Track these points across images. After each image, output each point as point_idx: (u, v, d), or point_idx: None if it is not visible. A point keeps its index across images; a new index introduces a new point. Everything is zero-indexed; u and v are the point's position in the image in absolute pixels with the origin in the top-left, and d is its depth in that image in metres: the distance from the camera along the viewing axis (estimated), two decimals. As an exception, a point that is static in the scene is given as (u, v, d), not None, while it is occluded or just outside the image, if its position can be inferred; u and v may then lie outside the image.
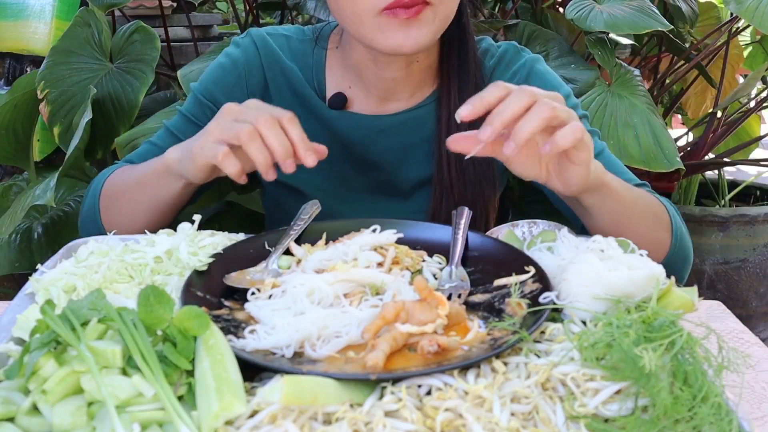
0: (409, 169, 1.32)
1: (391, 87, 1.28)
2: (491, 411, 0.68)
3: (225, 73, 1.32)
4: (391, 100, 1.30)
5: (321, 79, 1.31)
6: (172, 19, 2.64)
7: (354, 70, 1.28)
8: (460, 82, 1.27)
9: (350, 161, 1.32)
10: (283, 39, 1.33)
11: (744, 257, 2.77)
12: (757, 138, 2.98)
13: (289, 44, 1.33)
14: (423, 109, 1.30)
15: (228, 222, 2.03)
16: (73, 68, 1.94)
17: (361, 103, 1.30)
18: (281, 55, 1.32)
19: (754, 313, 2.82)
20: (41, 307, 0.72)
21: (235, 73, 1.31)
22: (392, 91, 1.28)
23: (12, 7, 2.30)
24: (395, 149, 1.31)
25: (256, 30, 1.34)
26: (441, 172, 1.26)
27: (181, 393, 0.70)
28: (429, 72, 1.29)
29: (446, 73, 1.27)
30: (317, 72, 1.31)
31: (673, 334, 0.72)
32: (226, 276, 0.93)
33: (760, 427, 0.81)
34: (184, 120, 1.33)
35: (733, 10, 2.02)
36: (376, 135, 1.30)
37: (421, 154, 1.31)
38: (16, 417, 0.68)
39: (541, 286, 0.88)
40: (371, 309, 0.83)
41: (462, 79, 1.27)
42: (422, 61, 1.26)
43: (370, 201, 1.35)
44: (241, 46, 1.33)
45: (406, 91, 1.29)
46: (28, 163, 2.09)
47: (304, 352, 0.77)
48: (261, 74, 1.32)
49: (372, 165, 1.33)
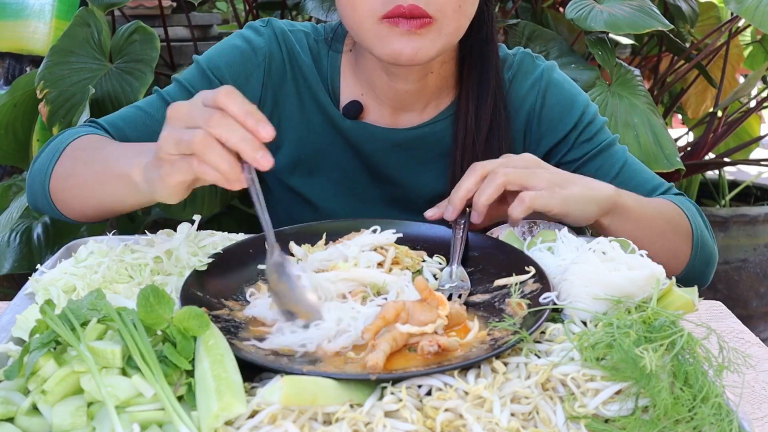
0: (424, 183, 1.28)
1: (404, 98, 1.22)
2: (491, 411, 0.68)
3: (243, 58, 1.23)
4: (404, 111, 1.25)
5: (336, 83, 1.25)
6: (171, 19, 2.64)
7: (366, 78, 1.23)
8: (478, 97, 1.22)
9: (364, 172, 1.28)
10: (302, 36, 1.26)
11: (744, 257, 2.76)
12: (758, 138, 2.98)
13: (308, 42, 1.26)
14: (440, 124, 1.25)
15: (228, 223, 2.03)
16: (73, 68, 1.94)
17: (375, 112, 1.25)
18: (301, 54, 1.25)
19: (755, 313, 2.81)
20: (41, 307, 0.72)
21: (255, 63, 1.23)
22: (405, 102, 1.23)
23: (11, 6, 2.30)
24: (410, 163, 1.27)
25: (278, 22, 1.26)
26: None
27: (180, 393, 0.70)
28: (445, 84, 1.24)
29: (465, 86, 1.22)
30: (332, 76, 1.25)
31: (674, 334, 0.72)
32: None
33: (760, 428, 0.81)
34: (181, 90, 1.22)
35: (733, 10, 2.02)
36: (391, 149, 1.25)
37: (436, 169, 1.26)
38: (16, 417, 0.68)
39: (542, 287, 0.88)
40: (377, 308, 0.83)
41: (481, 94, 1.22)
42: (437, 72, 1.21)
43: (383, 214, 1.27)
44: (263, 35, 1.24)
45: (421, 102, 1.24)
46: (27, 162, 2.09)
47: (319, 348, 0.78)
48: (282, 70, 1.24)
49: (386, 178, 1.28)
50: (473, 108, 1.22)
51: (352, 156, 1.27)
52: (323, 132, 1.26)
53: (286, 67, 1.25)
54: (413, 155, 1.26)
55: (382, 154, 1.26)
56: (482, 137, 1.21)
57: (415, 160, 1.27)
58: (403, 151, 1.26)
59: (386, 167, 1.27)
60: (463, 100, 1.23)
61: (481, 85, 1.22)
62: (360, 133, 1.25)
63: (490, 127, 1.22)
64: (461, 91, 1.24)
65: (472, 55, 1.22)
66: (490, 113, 1.22)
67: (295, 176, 1.29)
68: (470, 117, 1.22)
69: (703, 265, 1.21)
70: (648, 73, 2.93)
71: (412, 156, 1.26)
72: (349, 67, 1.26)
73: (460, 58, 1.24)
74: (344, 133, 1.25)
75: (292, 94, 1.26)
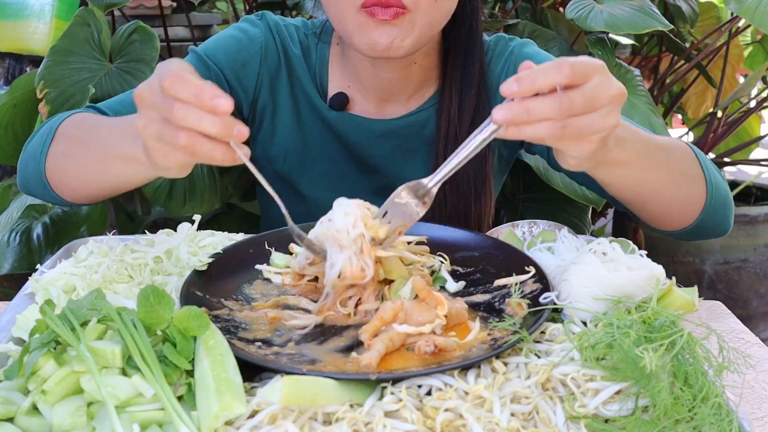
0: (409, 172, 1.28)
1: (389, 88, 1.26)
2: (491, 411, 0.68)
3: (240, 47, 1.26)
4: (389, 101, 1.28)
5: (324, 76, 1.29)
6: (171, 18, 2.64)
7: (352, 69, 1.26)
8: (462, 89, 1.24)
9: (351, 162, 1.32)
10: (293, 30, 1.30)
11: (744, 257, 2.76)
12: (758, 138, 2.98)
13: (299, 36, 1.30)
14: (423, 114, 1.28)
15: (227, 222, 2.03)
16: (73, 68, 1.94)
17: (361, 103, 1.28)
18: (292, 46, 1.29)
19: (755, 313, 2.81)
20: (41, 307, 0.72)
21: (251, 51, 1.26)
22: (390, 92, 1.26)
23: (11, 6, 2.30)
24: (395, 153, 1.30)
25: (271, 15, 1.31)
26: None
27: (180, 393, 0.70)
28: (430, 74, 1.27)
29: (448, 77, 1.25)
30: (320, 68, 1.29)
31: (674, 334, 0.72)
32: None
33: (760, 428, 0.81)
34: None
35: (733, 10, 2.02)
36: (376, 139, 1.28)
37: (420, 158, 1.30)
38: (16, 417, 0.68)
39: (542, 287, 0.88)
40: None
41: (464, 86, 1.24)
42: (421, 63, 1.24)
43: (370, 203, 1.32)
44: (258, 26, 1.28)
45: (405, 92, 1.28)
46: (27, 162, 2.08)
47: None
48: (277, 60, 1.28)
49: (372, 168, 1.32)
50: (456, 99, 1.24)
51: (339, 147, 1.30)
52: (311, 123, 1.29)
53: (280, 57, 1.28)
54: (398, 145, 1.29)
55: (367, 145, 1.29)
56: (465, 128, 1.23)
57: (400, 150, 1.30)
58: (388, 140, 1.29)
59: (372, 157, 1.30)
60: (447, 91, 1.25)
61: (465, 77, 1.24)
62: (346, 124, 1.28)
63: (473, 119, 1.23)
64: (444, 82, 1.26)
65: (456, 47, 1.25)
66: (473, 105, 1.23)
67: (285, 166, 1.32)
68: (453, 108, 1.24)
69: (720, 208, 1.12)
70: (648, 73, 2.93)
71: (397, 146, 1.29)
72: (337, 59, 1.29)
73: (444, 49, 1.26)
74: (331, 125, 1.29)
75: (285, 85, 1.29)
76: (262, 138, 1.32)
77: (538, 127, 0.77)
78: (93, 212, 1.90)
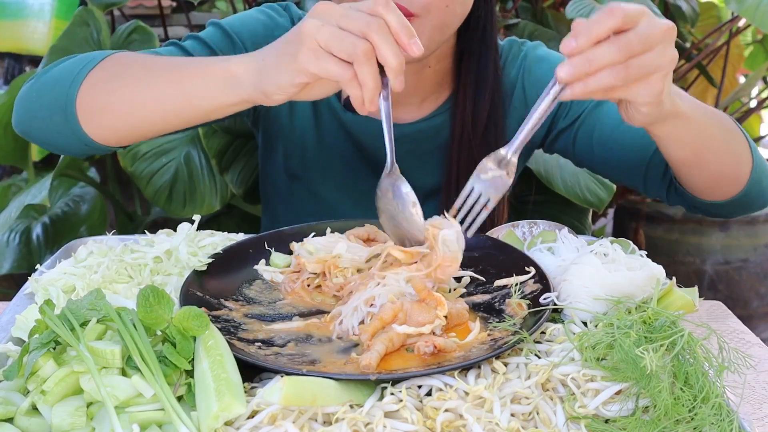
0: (421, 176, 1.27)
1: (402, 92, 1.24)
2: (491, 411, 0.68)
3: (266, 31, 1.22)
4: (403, 105, 1.26)
5: None
6: (171, 18, 2.64)
7: None
8: (476, 94, 1.23)
9: (364, 162, 1.30)
10: None
11: (745, 257, 2.76)
12: (758, 138, 2.98)
13: None
14: (438, 119, 1.27)
15: (227, 222, 2.03)
16: (73, 68, 1.93)
17: None
18: None
19: (755, 313, 2.81)
20: (40, 307, 0.72)
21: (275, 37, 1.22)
22: (403, 96, 1.24)
23: (11, 6, 2.30)
24: (408, 157, 1.26)
25: (295, 8, 1.28)
26: (450, 181, 1.25)
27: (180, 393, 0.70)
28: (443, 78, 1.26)
29: (462, 81, 1.24)
30: None
31: (674, 334, 0.72)
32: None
33: (760, 428, 0.81)
34: (201, 45, 1.17)
35: (733, 10, 2.02)
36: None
37: (433, 162, 1.29)
38: (16, 417, 0.68)
39: (542, 287, 0.88)
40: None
41: (479, 90, 1.23)
42: (434, 67, 1.22)
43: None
44: (284, 17, 1.25)
45: (419, 96, 1.26)
46: (26, 162, 2.09)
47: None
48: None
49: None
50: (470, 104, 1.23)
51: (353, 148, 1.29)
52: (327, 122, 1.28)
53: None
54: (411, 149, 1.28)
55: (380, 146, 1.27)
56: (479, 133, 1.22)
57: (414, 154, 1.29)
58: (402, 145, 1.27)
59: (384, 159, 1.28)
60: (461, 95, 1.24)
61: (479, 81, 1.23)
62: (359, 126, 1.27)
63: (487, 123, 1.23)
64: (459, 86, 1.25)
65: (471, 51, 1.23)
66: (488, 109, 1.22)
67: (301, 163, 1.31)
68: (467, 113, 1.23)
69: (764, 177, 1.13)
70: (648, 73, 2.92)
71: (411, 150, 1.28)
72: None
73: (458, 54, 1.25)
74: (345, 125, 1.27)
75: None
76: (278, 129, 1.30)
77: (602, 75, 0.79)
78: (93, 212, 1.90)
